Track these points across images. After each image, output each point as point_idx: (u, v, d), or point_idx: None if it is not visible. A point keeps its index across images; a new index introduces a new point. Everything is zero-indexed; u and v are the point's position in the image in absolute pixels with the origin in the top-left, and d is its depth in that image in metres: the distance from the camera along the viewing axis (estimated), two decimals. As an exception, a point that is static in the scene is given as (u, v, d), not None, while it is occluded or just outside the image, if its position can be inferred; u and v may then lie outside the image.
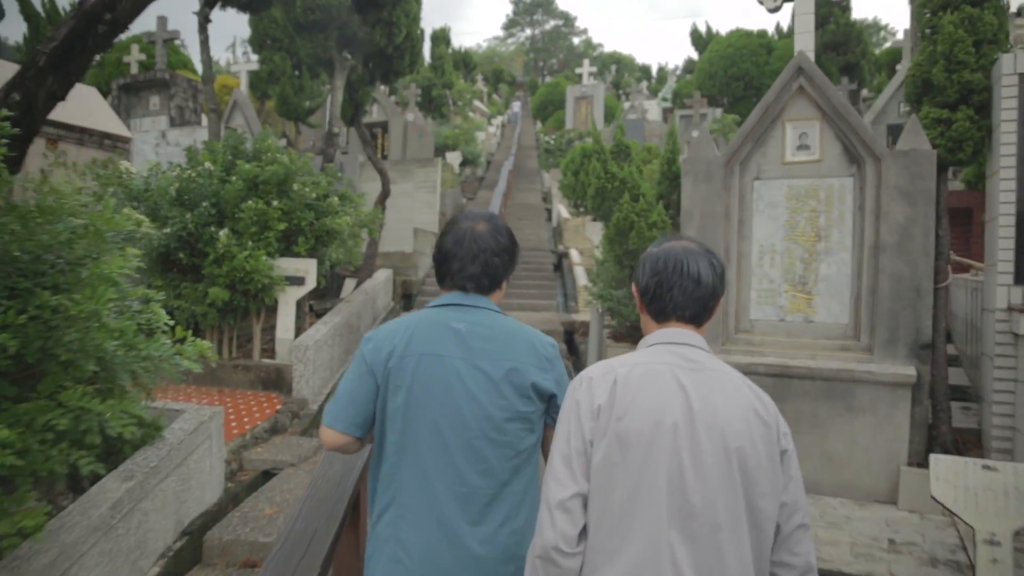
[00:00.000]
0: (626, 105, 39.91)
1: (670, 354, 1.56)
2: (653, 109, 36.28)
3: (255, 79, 17.88)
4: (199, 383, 7.51)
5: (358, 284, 10.34)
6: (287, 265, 7.51)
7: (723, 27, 34.31)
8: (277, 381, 7.31)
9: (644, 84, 56.10)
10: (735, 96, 23.20)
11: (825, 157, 5.57)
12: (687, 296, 1.61)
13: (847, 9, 21.55)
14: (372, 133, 22.62)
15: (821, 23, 22.13)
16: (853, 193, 5.47)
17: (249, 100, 15.72)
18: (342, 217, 7.50)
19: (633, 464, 1.44)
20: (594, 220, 13.53)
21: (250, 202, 7.03)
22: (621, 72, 63.13)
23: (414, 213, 17.69)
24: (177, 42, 22.75)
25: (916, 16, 5.64)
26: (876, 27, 30.41)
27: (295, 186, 7.19)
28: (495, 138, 36.20)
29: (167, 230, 6.89)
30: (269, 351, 7.96)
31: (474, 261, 1.87)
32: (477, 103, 40.97)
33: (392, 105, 21.91)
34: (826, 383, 5.21)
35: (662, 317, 1.65)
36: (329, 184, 7.90)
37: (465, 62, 36.22)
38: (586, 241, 14.12)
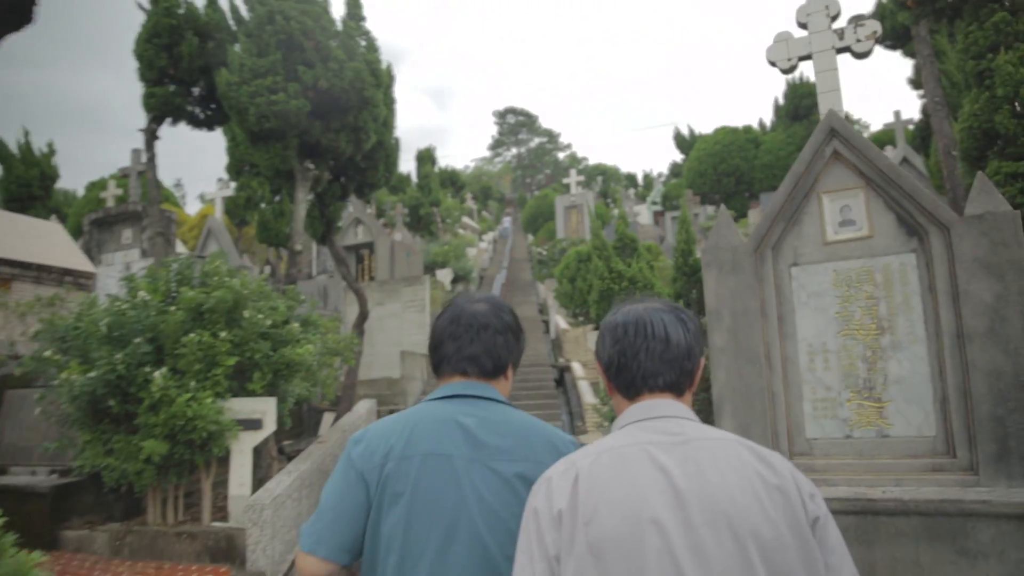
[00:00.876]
0: (615, 212, 39.92)
1: (645, 432, 1.30)
2: (643, 213, 36.14)
3: (232, 205, 17.32)
4: (135, 556, 6.19)
5: (336, 419, 9.12)
6: (241, 406, 6.35)
7: (704, 129, 34.72)
8: (228, 550, 5.98)
9: (631, 191, 56.84)
10: (727, 192, 22.83)
11: (876, 232, 4.55)
12: (657, 359, 1.36)
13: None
14: (359, 255, 22.01)
15: (806, 113, 22.14)
16: (918, 271, 4.42)
17: (224, 227, 15.01)
18: (304, 346, 6.40)
19: None
20: (597, 328, 12.52)
21: (192, 335, 5.96)
22: (607, 182, 64.19)
23: (403, 335, 16.67)
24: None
25: (960, 64, 4.78)
26: (849, 120, 30.58)
27: (246, 313, 6.14)
28: (487, 253, 35.90)
29: (92, 374, 5.77)
30: (225, 510, 6.67)
31: (474, 341, 1.66)
32: (467, 220, 40.99)
33: (378, 225, 21.36)
34: (925, 519, 3.95)
35: (633, 391, 1.40)
36: (289, 309, 6.86)
37: (452, 180, 36.36)
38: (588, 352, 13.00)
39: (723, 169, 23.01)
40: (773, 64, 5.23)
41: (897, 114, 18.89)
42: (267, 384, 6.43)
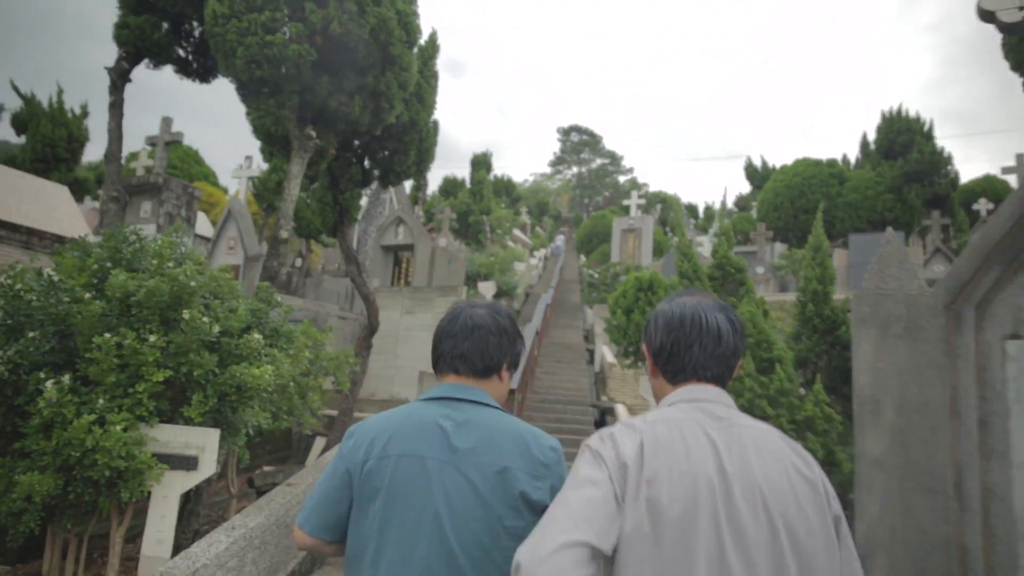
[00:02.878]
0: (675, 240, 37.89)
1: (696, 411, 1.41)
2: (705, 245, 34.01)
3: (262, 188, 15.95)
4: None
5: (325, 449, 7.48)
6: (171, 437, 4.72)
7: (778, 162, 32.47)
8: (124, 635, 4.33)
9: (692, 222, 54.68)
10: (804, 230, 20.61)
11: None
12: (708, 354, 1.49)
13: (931, 137, 19.17)
14: (397, 256, 20.53)
15: (901, 150, 19.91)
16: None
17: (247, 211, 13.62)
18: (262, 366, 4.74)
19: (667, 542, 1.24)
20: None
21: (109, 335, 4.36)
22: (666, 210, 62.07)
23: (430, 349, 15.06)
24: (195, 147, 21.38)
25: None
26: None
27: (186, 314, 4.51)
28: (536, 271, 34.32)
29: (-37, 374, 4.22)
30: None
31: (467, 338, 1.75)
32: (518, 233, 39.42)
33: (420, 226, 19.85)
34: None
35: (681, 377, 1.52)
36: (257, 313, 5.23)
37: (507, 190, 34.83)
38: (637, 397, 11.10)
39: (801, 205, 20.85)
40: (990, 18, 3.36)
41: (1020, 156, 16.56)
42: (209, 410, 4.79)
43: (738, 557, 1.20)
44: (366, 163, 8.20)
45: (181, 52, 7.22)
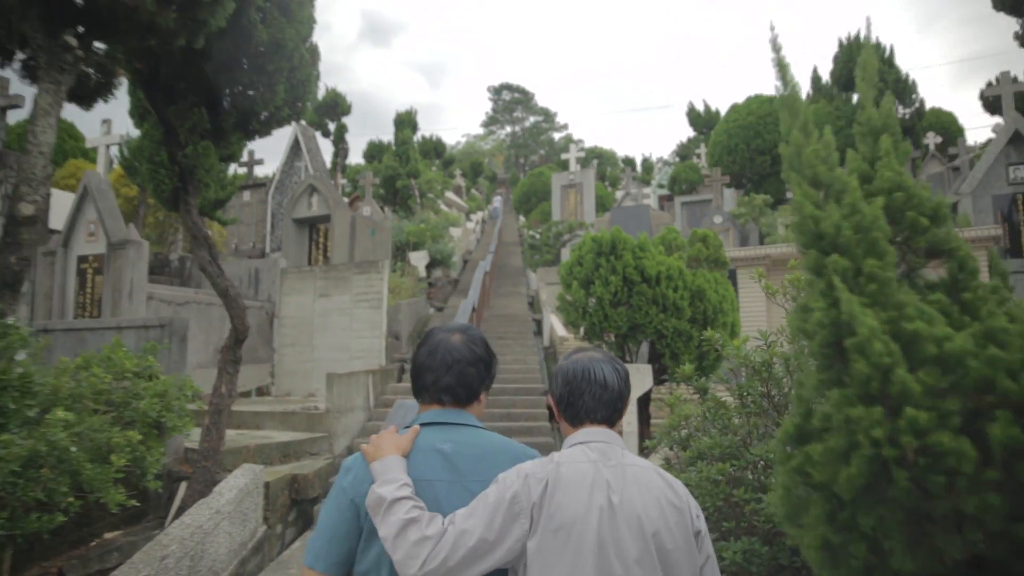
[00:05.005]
0: (619, 193, 36.06)
1: (591, 451, 1.75)
2: (651, 197, 32.29)
3: (134, 160, 13.21)
4: None
5: (177, 512, 5.30)
6: None
7: (722, 106, 30.79)
8: None
9: (631, 174, 53.11)
10: (761, 173, 18.91)
11: None
12: (596, 400, 1.82)
13: (892, 64, 17.56)
14: (312, 230, 18.03)
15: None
16: None
17: (110, 188, 11.00)
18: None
19: (567, 552, 1.59)
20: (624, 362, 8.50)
21: None
22: (604, 165, 60.37)
23: (351, 337, 12.79)
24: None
25: None
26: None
27: None
28: (474, 235, 32.10)
29: None
30: None
31: (448, 372, 1.87)
32: (453, 196, 37.02)
33: (336, 194, 17.38)
34: None
35: (577, 421, 1.85)
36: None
37: (437, 150, 32.27)
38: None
39: (757, 145, 19.06)
40: None
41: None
42: None
43: (617, 559, 1.59)
44: (220, 105, 5.88)
45: None
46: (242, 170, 23.52)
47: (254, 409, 9.21)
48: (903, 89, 17.70)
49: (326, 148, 27.48)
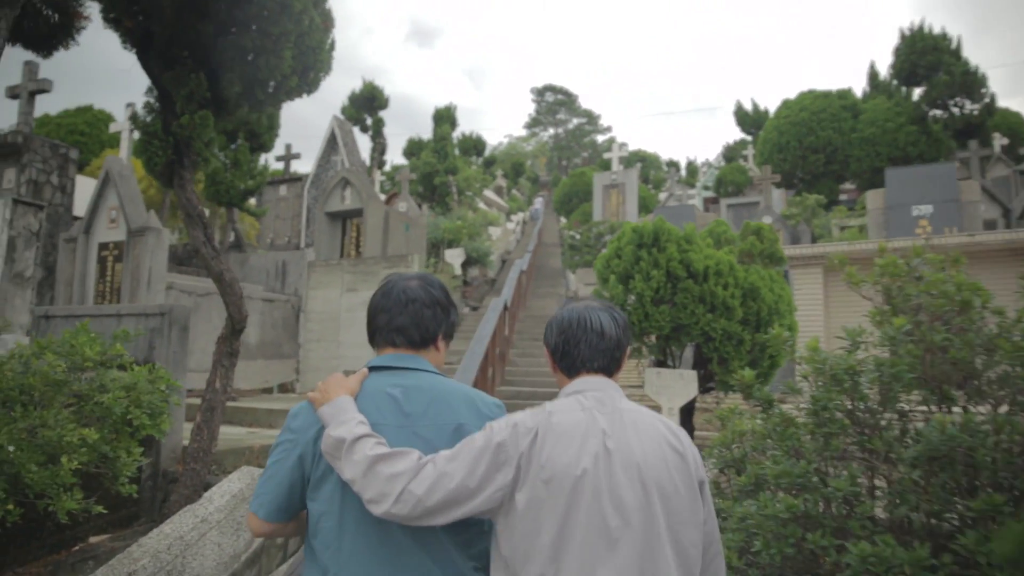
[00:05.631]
0: (663, 195, 35.10)
1: (587, 400, 1.65)
2: (695, 200, 31.28)
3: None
4: None
5: (175, 499, 4.75)
6: None
7: (770, 105, 29.58)
8: None
9: (676, 175, 52.09)
10: (813, 173, 17.84)
11: None
12: (593, 348, 1.72)
13: (959, 55, 16.25)
14: (344, 224, 17.60)
15: (926, 73, 16.90)
16: None
17: (132, 174, 10.64)
18: None
19: (560, 504, 1.50)
20: (659, 364, 7.54)
21: None
22: (646, 169, 59.33)
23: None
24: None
25: None
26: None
27: None
28: (514, 235, 31.52)
29: None
30: None
31: (403, 312, 1.79)
32: (493, 196, 36.46)
33: (370, 187, 16.90)
34: None
35: (573, 371, 1.75)
36: None
37: (477, 148, 31.71)
38: (637, 390, 8.36)
39: (810, 143, 17.95)
40: None
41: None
42: None
43: (615, 516, 1.48)
44: (221, 72, 5.34)
45: None
46: (279, 164, 23.30)
47: (269, 407, 8.70)
48: (971, 83, 16.45)
49: (364, 144, 27.21)
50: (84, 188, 12.52)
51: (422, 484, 1.48)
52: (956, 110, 16.85)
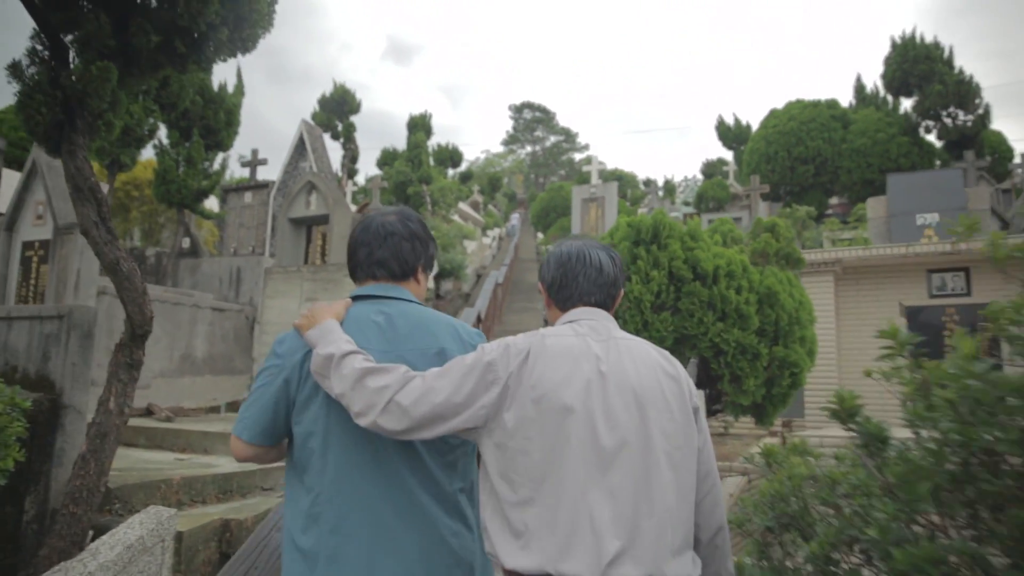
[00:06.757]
0: (642, 210, 34.49)
1: (580, 327, 1.63)
2: (676, 215, 30.64)
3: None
4: None
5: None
6: None
7: (752, 120, 29.10)
8: None
9: (656, 191, 51.97)
10: (802, 184, 17.13)
11: None
12: (591, 282, 1.71)
13: (952, 64, 15.67)
14: (309, 230, 16.49)
15: (919, 83, 16.32)
16: None
17: (58, 167, 9.50)
18: None
19: (550, 424, 1.47)
20: None
21: None
22: (624, 187, 59.11)
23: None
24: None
25: None
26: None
27: None
28: (490, 250, 30.79)
29: None
30: None
31: (382, 246, 1.81)
32: (469, 210, 35.56)
33: (337, 192, 15.85)
34: None
35: (570, 304, 1.73)
36: None
37: (452, 158, 30.80)
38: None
39: (799, 154, 17.27)
40: None
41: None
42: None
43: (609, 436, 1.44)
44: (130, 16, 4.32)
45: None
46: (245, 171, 22.16)
47: (205, 429, 7.57)
48: (965, 92, 15.89)
49: (335, 152, 26.15)
50: (11, 183, 11.36)
51: (409, 396, 1.48)
52: (948, 121, 16.29)
